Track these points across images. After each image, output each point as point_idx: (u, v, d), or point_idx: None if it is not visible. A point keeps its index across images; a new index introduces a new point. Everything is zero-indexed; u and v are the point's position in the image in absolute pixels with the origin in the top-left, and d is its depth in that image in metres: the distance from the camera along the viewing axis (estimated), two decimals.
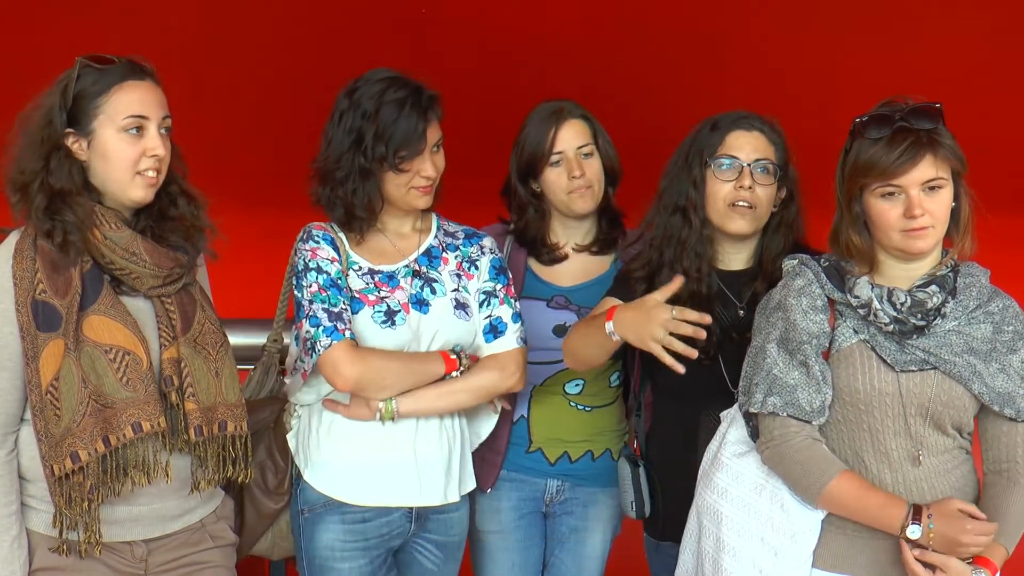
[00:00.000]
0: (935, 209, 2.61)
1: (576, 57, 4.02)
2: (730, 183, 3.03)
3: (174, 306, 2.72)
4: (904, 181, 2.60)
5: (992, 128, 3.58)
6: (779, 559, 2.68)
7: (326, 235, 3.06)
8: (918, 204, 2.59)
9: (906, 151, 2.58)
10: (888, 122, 2.62)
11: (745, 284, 3.05)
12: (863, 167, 2.63)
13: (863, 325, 2.69)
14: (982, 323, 2.69)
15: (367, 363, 2.95)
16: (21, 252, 2.62)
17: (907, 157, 2.58)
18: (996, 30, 3.98)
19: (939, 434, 2.68)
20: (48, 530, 2.63)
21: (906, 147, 2.59)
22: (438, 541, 3.13)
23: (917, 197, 2.60)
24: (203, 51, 3.95)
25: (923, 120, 2.61)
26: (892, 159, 2.59)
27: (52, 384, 2.57)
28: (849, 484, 2.63)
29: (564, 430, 3.34)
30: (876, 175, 2.61)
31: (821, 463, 2.65)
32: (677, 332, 2.74)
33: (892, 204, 2.62)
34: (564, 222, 3.39)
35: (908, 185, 2.60)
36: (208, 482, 2.75)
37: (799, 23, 3.96)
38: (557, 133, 3.29)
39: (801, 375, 2.67)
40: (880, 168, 2.60)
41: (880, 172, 2.60)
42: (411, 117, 2.96)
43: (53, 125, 2.62)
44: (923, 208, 2.59)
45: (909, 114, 2.61)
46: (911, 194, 2.60)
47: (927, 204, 2.60)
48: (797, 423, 2.66)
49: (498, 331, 3.12)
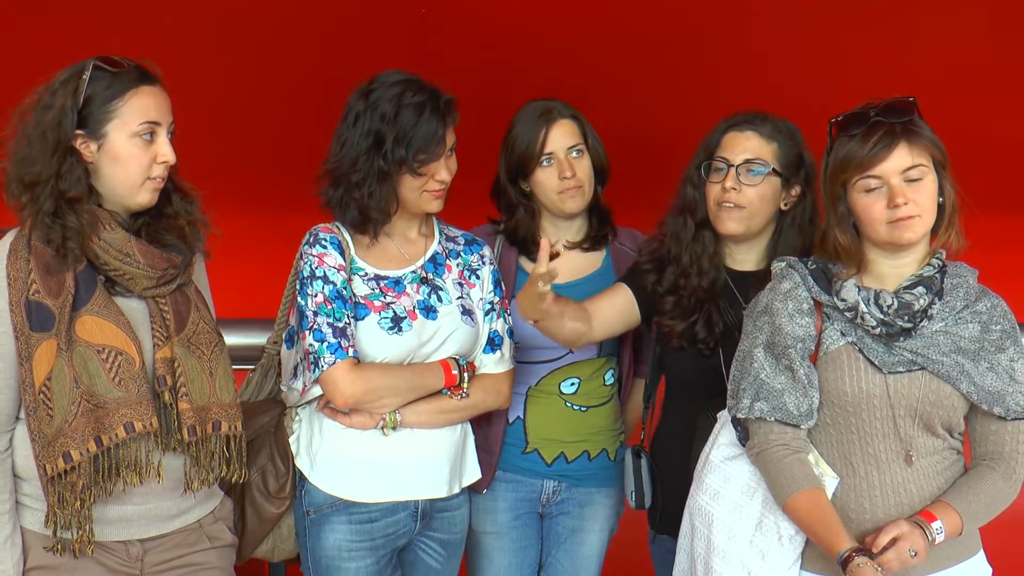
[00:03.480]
0: (918, 198, 2.63)
1: (576, 57, 4.01)
2: (717, 184, 3.07)
3: (168, 306, 2.72)
4: (882, 171, 2.62)
5: (988, 128, 3.58)
6: (767, 561, 2.70)
7: (333, 238, 3.06)
8: (900, 193, 2.61)
9: (880, 140, 2.61)
10: (863, 118, 2.65)
11: (754, 286, 3.05)
12: (841, 163, 2.66)
13: (850, 327, 2.70)
14: (970, 323, 2.69)
15: (366, 382, 2.97)
16: (16, 252, 2.63)
17: (882, 145, 2.61)
18: (992, 31, 3.96)
19: (929, 435, 2.69)
20: (43, 529, 2.63)
21: (880, 136, 2.62)
22: (442, 539, 3.15)
23: (899, 186, 2.61)
24: (202, 50, 3.95)
25: (896, 114, 2.64)
26: (867, 149, 2.62)
27: (45, 384, 2.57)
28: (805, 503, 2.65)
29: (560, 430, 3.34)
30: (854, 168, 2.63)
31: (789, 476, 2.67)
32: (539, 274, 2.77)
33: (875, 198, 2.64)
34: (554, 221, 3.39)
35: (887, 175, 2.62)
36: (202, 482, 2.75)
37: (797, 23, 3.95)
38: (547, 134, 3.29)
39: (787, 380, 2.68)
40: (857, 160, 2.63)
41: (858, 164, 2.63)
42: (431, 121, 2.97)
43: (63, 126, 2.62)
44: (906, 197, 2.61)
45: (882, 109, 2.65)
46: (892, 184, 2.62)
47: (910, 193, 2.62)
48: (782, 428, 2.68)
49: (495, 344, 3.16)
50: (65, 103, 2.63)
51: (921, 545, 2.58)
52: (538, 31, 3.97)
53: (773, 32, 3.99)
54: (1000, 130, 3.92)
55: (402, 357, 3.03)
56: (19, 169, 2.64)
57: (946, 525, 2.62)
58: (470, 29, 3.98)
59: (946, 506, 2.65)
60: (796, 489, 2.65)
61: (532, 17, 3.95)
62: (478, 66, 4.00)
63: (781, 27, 3.97)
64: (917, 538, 2.58)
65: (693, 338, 3.09)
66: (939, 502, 2.66)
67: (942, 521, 2.62)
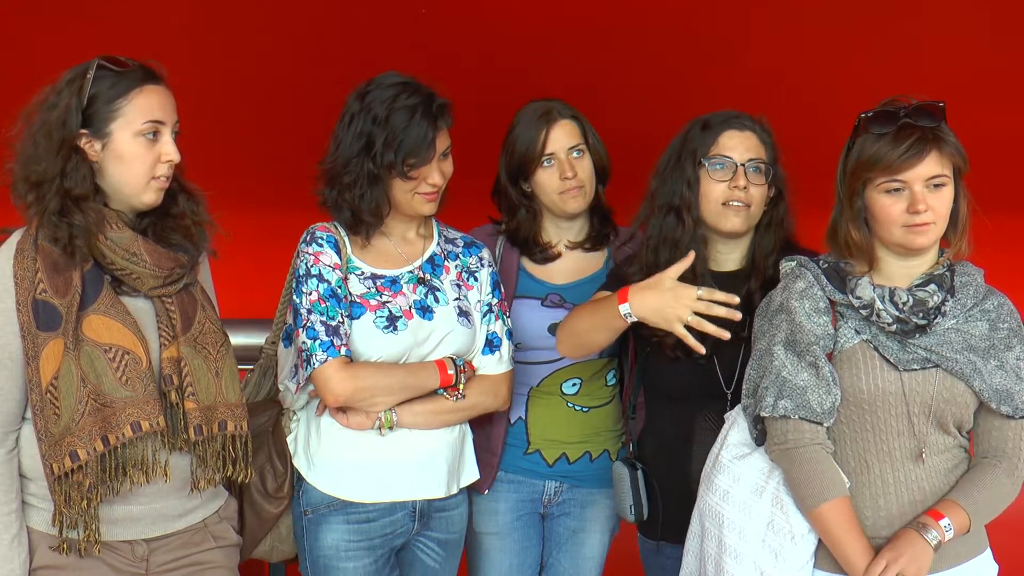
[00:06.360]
0: (937, 206, 2.64)
1: (576, 57, 4.02)
2: (724, 183, 3.03)
3: (174, 306, 2.72)
4: (909, 176, 2.62)
5: (989, 128, 3.59)
6: (780, 561, 2.70)
7: (330, 237, 3.06)
8: (921, 200, 2.62)
9: (912, 146, 2.61)
10: (893, 118, 2.65)
11: (739, 284, 3.05)
12: (868, 161, 2.66)
13: (865, 325, 2.70)
14: (979, 321, 2.71)
15: (358, 380, 2.97)
16: (22, 251, 2.62)
17: (914, 152, 2.61)
18: (993, 31, 3.98)
19: (941, 433, 2.70)
20: (49, 528, 2.63)
21: (912, 142, 2.62)
22: (440, 539, 3.15)
23: (921, 193, 2.62)
24: (202, 50, 3.95)
25: (927, 117, 2.64)
26: (898, 154, 2.62)
27: (52, 383, 2.57)
28: (835, 516, 2.65)
29: (562, 431, 3.34)
30: (881, 169, 2.64)
31: (825, 480, 2.66)
32: (708, 313, 2.74)
33: (895, 199, 2.64)
34: (556, 221, 3.39)
35: (912, 181, 2.62)
36: (208, 481, 2.75)
37: (794, 22, 3.96)
38: (548, 134, 3.29)
39: (811, 376, 2.68)
40: (886, 162, 2.63)
41: (886, 166, 2.63)
42: (421, 125, 2.96)
43: (68, 125, 2.62)
44: (926, 204, 2.62)
45: (913, 111, 2.64)
46: (915, 190, 2.62)
47: (930, 200, 2.63)
48: (810, 426, 2.68)
49: (493, 345, 3.16)
50: (70, 102, 2.63)
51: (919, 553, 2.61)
52: (538, 31, 3.98)
53: (774, 33, 4.00)
54: (1003, 130, 3.94)
55: (397, 356, 3.04)
56: (25, 168, 2.64)
57: (954, 523, 2.64)
58: (470, 29, 3.98)
59: (953, 504, 2.66)
60: (825, 498, 2.65)
61: (532, 17, 3.95)
62: (478, 66, 4.01)
63: (782, 28, 3.98)
64: (915, 553, 2.60)
65: (687, 348, 3.06)
66: (945, 500, 2.67)
67: (950, 519, 2.63)
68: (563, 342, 3.11)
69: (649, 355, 3.16)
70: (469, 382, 3.10)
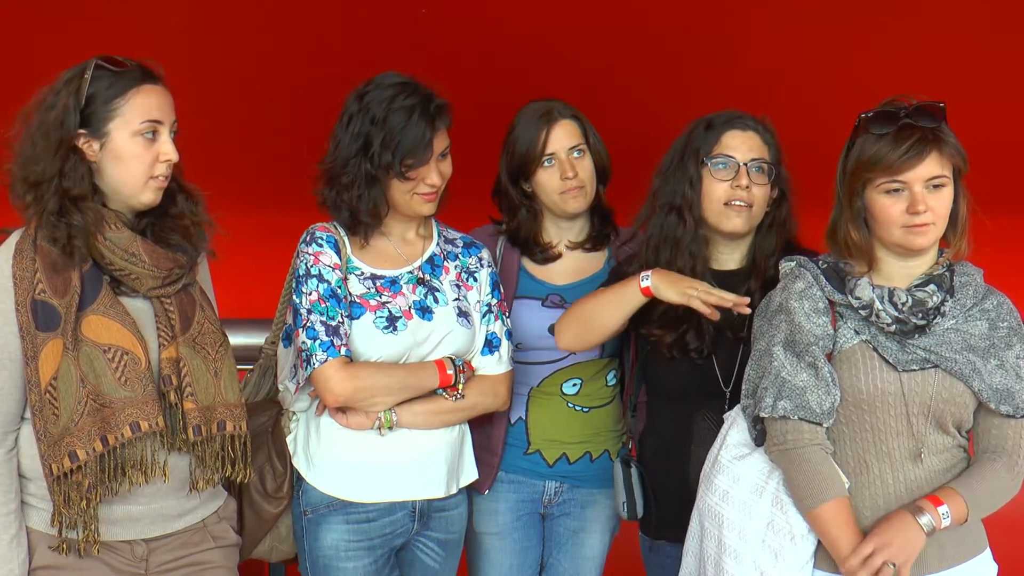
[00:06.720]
0: (937, 207, 2.64)
1: (576, 57, 4.02)
2: (726, 182, 3.03)
3: (173, 306, 2.72)
4: (909, 177, 2.62)
5: (989, 128, 3.59)
6: (780, 561, 2.70)
7: (329, 237, 3.06)
8: (921, 200, 2.62)
9: (913, 147, 2.61)
10: (893, 118, 2.65)
11: (739, 284, 3.05)
12: (868, 162, 2.65)
13: (864, 326, 2.71)
14: (978, 320, 2.71)
15: (358, 380, 2.97)
16: (21, 252, 2.62)
17: (914, 152, 2.61)
18: (993, 31, 3.98)
19: (940, 433, 2.70)
20: (48, 528, 2.63)
21: (912, 143, 2.62)
22: (440, 539, 3.15)
23: (921, 193, 2.62)
24: (202, 50, 3.95)
25: (927, 118, 2.64)
26: (899, 154, 2.62)
27: (51, 384, 2.57)
28: (834, 515, 2.65)
29: (562, 431, 3.34)
30: (882, 170, 2.64)
31: (824, 481, 2.66)
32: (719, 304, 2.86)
33: (895, 200, 2.64)
34: (556, 222, 3.39)
35: (912, 181, 2.62)
36: (207, 482, 2.75)
37: (794, 22, 3.96)
38: (548, 134, 3.28)
39: (810, 377, 2.68)
40: (886, 163, 2.63)
41: (886, 167, 2.63)
42: (419, 125, 2.97)
43: (66, 125, 2.62)
44: (926, 204, 2.62)
45: (914, 112, 2.64)
46: (915, 190, 2.62)
47: (930, 201, 2.63)
48: (809, 427, 2.68)
49: (493, 345, 3.16)
50: (67, 102, 2.63)
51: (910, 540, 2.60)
52: (538, 31, 3.98)
53: (774, 33, 4.00)
54: (1003, 130, 3.94)
55: (397, 356, 3.04)
56: (23, 169, 2.64)
57: (952, 511, 2.63)
58: (470, 29, 3.98)
59: (952, 491, 2.66)
60: (824, 499, 2.65)
61: (532, 17, 3.95)
62: (478, 66, 4.01)
63: (782, 28, 3.98)
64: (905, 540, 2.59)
65: (685, 347, 3.06)
66: (944, 488, 2.67)
67: (948, 506, 2.63)
68: (566, 330, 3.11)
69: (649, 354, 3.17)
70: (468, 382, 3.10)
